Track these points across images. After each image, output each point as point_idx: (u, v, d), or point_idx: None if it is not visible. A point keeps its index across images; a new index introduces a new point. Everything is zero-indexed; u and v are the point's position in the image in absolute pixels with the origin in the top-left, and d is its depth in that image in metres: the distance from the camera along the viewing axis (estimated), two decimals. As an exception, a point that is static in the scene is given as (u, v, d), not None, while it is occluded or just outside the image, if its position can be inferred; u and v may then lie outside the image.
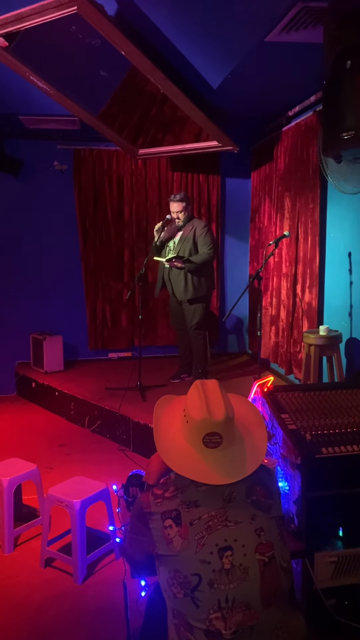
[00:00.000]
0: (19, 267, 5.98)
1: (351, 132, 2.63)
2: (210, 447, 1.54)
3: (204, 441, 1.54)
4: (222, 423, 1.54)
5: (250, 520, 1.49)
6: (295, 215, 4.79)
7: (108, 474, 3.77)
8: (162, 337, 6.28)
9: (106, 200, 6.01)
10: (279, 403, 2.44)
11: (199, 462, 1.54)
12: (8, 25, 3.21)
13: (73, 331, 6.12)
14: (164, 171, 6.05)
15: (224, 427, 1.54)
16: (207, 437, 1.54)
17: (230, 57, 3.58)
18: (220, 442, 1.54)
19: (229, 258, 6.39)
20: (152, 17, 3.16)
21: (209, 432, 1.54)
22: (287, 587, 1.51)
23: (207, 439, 1.54)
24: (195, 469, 1.53)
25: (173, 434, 1.63)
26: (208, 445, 1.54)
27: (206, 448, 1.55)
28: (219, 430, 1.54)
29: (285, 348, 5.05)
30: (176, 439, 1.61)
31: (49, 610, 2.55)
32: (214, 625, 1.41)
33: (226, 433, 1.55)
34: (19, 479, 3.11)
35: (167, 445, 1.62)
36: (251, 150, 6.04)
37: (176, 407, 1.71)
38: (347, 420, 2.33)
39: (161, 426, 1.68)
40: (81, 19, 3.12)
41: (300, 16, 2.88)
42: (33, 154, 5.82)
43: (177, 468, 1.55)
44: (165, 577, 1.49)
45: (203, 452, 1.55)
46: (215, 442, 1.54)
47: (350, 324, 4.11)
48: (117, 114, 4.76)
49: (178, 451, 1.58)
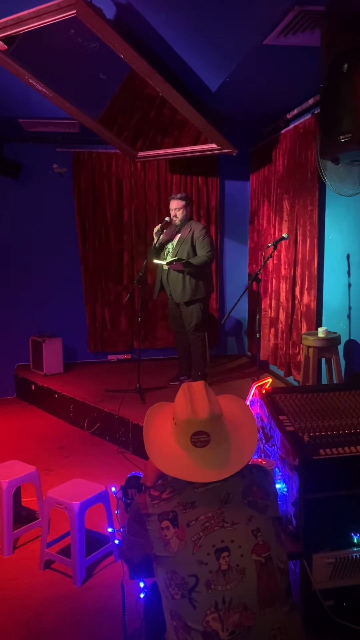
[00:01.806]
0: (19, 269, 5.99)
1: (348, 135, 2.65)
2: (199, 447, 1.56)
3: (192, 441, 1.56)
4: (207, 421, 1.55)
5: (247, 521, 1.50)
6: (294, 217, 4.80)
7: (107, 476, 3.78)
8: (161, 340, 6.29)
9: (105, 203, 6.03)
10: (277, 405, 2.45)
11: (188, 462, 1.56)
12: (7, 28, 3.22)
13: (72, 333, 6.13)
14: (163, 174, 6.07)
15: (210, 425, 1.56)
16: (195, 436, 1.56)
17: (228, 60, 3.59)
18: (208, 440, 1.56)
19: (228, 260, 6.40)
20: (151, 21, 3.17)
21: (195, 431, 1.55)
22: (284, 588, 1.52)
23: (194, 438, 1.56)
24: (184, 468, 1.55)
25: (164, 438, 1.65)
26: (197, 445, 1.56)
27: (195, 448, 1.56)
28: (205, 428, 1.55)
29: (284, 350, 5.05)
30: (167, 442, 1.63)
31: (48, 612, 2.55)
32: (211, 626, 1.41)
33: (213, 431, 1.56)
34: (19, 481, 3.11)
35: (157, 448, 1.64)
36: (250, 152, 6.05)
37: (167, 412, 1.72)
38: (345, 421, 2.34)
39: (151, 432, 1.69)
40: (80, 23, 3.13)
41: (297, 20, 2.90)
42: (32, 157, 5.84)
43: (167, 469, 1.57)
44: (162, 578, 1.49)
45: (192, 451, 1.56)
46: (204, 441, 1.55)
47: (348, 325, 4.12)
48: (116, 117, 4.77)
49: (168, 453, 1.60)
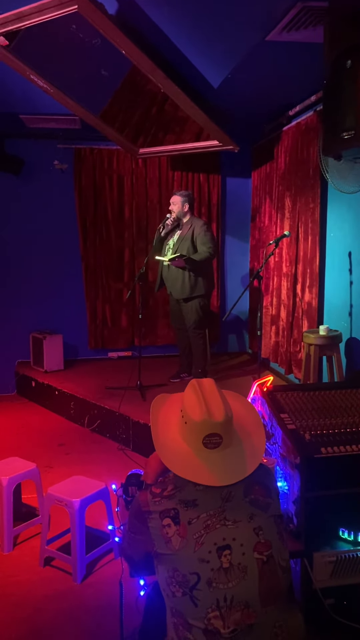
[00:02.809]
0: (20, 266, 5.98)
1: (351, 132, 2.64)
2: (209, 448, 1.53)
3: (204, 442, 1.53)
4: (222, 424, 1.53)
5: (249, 519, 1.49)
6: (296, 214, 4.78)
7: (107, 474, 3.78)
8: (162, 337, 6.28)
9: (106, 200, 6.01)
10: (278, 403, 2.44)
11: (198, 464, 1.53)
12: (8, 24, 3.21)
13: (73, 330, 6.12)
14: (165, 170, 6.05)
15: (224, 428, 1.54)
16: (207, 438, 1.53)
17: (230, 57, 3.57)
18: (220, 442, 1.53)
19: (229, 257, 6.39)
20: (153, 16, 3.16)
21: (209, 434, 1.53)
22: (286, 586, 1.51)
23: (207, 440, 1.53)
24: (195, 470, 1.52)
25: (172, 435, 1.62)
26: (207, 446, 1.53)
27: (205, 449, 1.53)
28: (219, 431, 1.53)
29: (285, 348, 5.05)
30: (175, 440, 1.60)
31: (48, 609, 2.55)
32: (213, 624, 1.41)
33: (226, 433, 1.54)
34: (19, 478, 3.11)
35: (166, 447, 1.60)
36: (252, 149, 6.04)
37: (172, 406, 1.69)
38: (346, 420, 2.33)
39: (159, 427, 1.66)
40: (82, 18, 3.11)
41: (300, 16, 2.88)
42: (34, 153, 5.82)
43: (178, 470, 1.54)
44: (163, 576, 1.49)
45: (202, 453, 1.54)
46: (215, 443, 1.53)
47: (350, 323, 4.11)
48: (118, 113, 4.76)
49: (177, 453, 1.57)
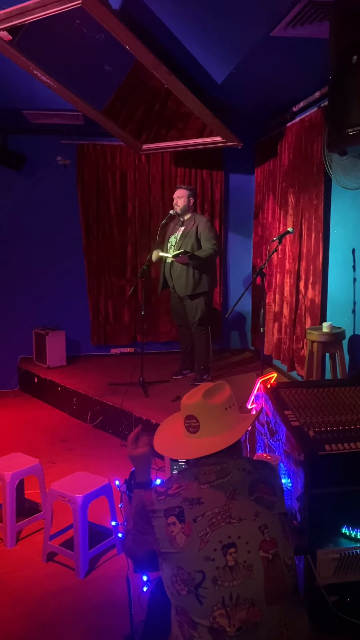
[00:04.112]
0: (22, 262, 5.98)
1: (357, 128, 2.62)
2: (191, 432, 1.60)
3: (185, 425, 1.61)
4: (194, 406, 1.58)
5: (254, 517, 1.49)
6: (299, 211, 4.77)
7: (110, 469, 3.78)
8: (164, 333, 6.28)
9: (109, 196, 6.00)
10: (282, 399, 2.44)
11: (176, 443, 1.62)
12: (12, 18, 3.20)
13: (75, 326, 6.12)
14: (168, 167, 6.04)
15: (197, 410, 1.58)
16: (187, 420, 1.61)
17: (235, 52, 3.56)
18: (197, 426, 1.59)
19: (232, 254, 6.38)
20: (157, 12, 3.14)
21: (187, 415, 1.60)
22: (291, 584, 1.51)
23: (187, 422, 1.61)
24: (171, 447, 1.64)
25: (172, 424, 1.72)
26: (189, 430, 1.61)
27: (187, 432, 1.61)
28: (192, 412, 1.59)
29: (287, 345, 5.04)
30: (172, 427, 1.70)
31: (51, 604, 2.56)
32: (218, 622, 1.41)
33: (203, 419, 1.58)
34: (22, 474, 3.11)
35: (160, 430, 1.73)
36: (255, 146, 6.02)
37: None
38: (350, 417, 2.33)
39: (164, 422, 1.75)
40: (85, 13, 3.10)
41: (306, 11, 2.87)
42: (36, 149, 5.81)
43: (156, 445, 1.67)
44: (168, 574, 1.49)
45: (187, 437, 1.61)
46: (194, 427, 1.59)
47: (353, 320, 4.10)
48: (121, 109, 4.74)
49: (167, 435, 1.68)
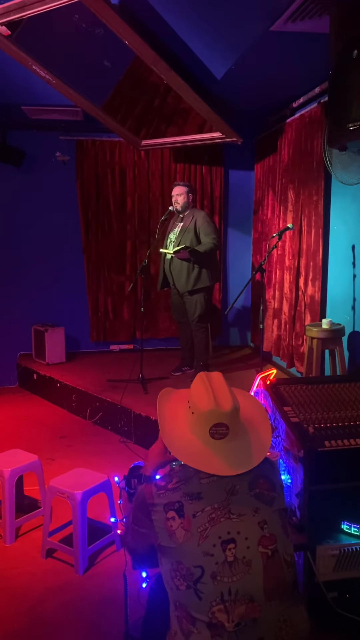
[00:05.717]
0: (21, 258, 5.96)
1: (357, 123, 2.60)
2: (216, 439, 1.54)
3: (211, 432, 1.54)
4: (229, 414, 1.54)
5: (254, 513, 1.49)
6: (299, 207, 4.76)
7: (109, 466, 3.78)
8: (163, 330, 6.27)
9: (108, 192, 5.98)
10: (281, 396, 2.43)
11: (207, 454, 1.54)
12: (10, 13, 3.19)
13: (75, 323, 6.11)
14: (167, 163, 6.02)
15: (231, 418, 1.54)
16: (214, 427, 1.53)
17: (234, 48, 3.54)
18: (226, 433, 1.54)
19: (231, 250, 6.37)
20: (156, 6, 3.13)
21: (216, 423, 1.53)
22: (291, 580, 1.51)
23: (213, 429, 1.53)
24: (202, 460, 1.53)
25: (179, 427, 1.63)
26: (214, 437, 1.54)
27: (212, 439, 1.54)
28: (225, 421, 1.54)
29: (287, 341, 5.03)
30: (182, 431, 1.61)
31: (50, 601, 2.56)
32: (217, 617, 1.41)
33: (232, 424, 1.55)
34: (21, 470, 3.11)
35: (173, 436, 1.61)
36: (255, 142, 6.00)
37: (178, 399, 1.70)
38: (349, 413, 2.33)
39: (166, 419, 1.67)
40: (84, 8, 3.09)
41: (306, 5, 2.85)
42: (35, 145, 5.80)
43: (185, 459, 1.55)
44: (167, 568, 1.48)
45: (209, 443, 1.55)
46: (222, 434, 1.54)
47: (353, 317, 4.09)
48: (120, 105, 4.73)
49: (184, 442, 1.58)
